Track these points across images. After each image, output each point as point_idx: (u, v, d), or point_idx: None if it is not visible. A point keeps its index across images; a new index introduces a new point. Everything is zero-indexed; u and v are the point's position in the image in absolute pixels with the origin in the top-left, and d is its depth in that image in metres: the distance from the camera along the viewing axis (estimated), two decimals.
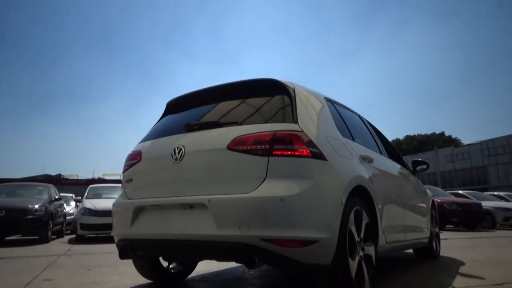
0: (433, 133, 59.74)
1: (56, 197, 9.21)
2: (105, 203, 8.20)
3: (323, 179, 2.14)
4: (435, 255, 4.52)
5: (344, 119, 2.97)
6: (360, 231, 2.41)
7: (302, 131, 2.19)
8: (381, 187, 2.91)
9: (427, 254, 4.47)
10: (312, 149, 2.16)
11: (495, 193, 16.60)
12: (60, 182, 35.06)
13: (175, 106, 3.03)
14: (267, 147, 2.11)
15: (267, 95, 2.51)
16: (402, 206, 3.49)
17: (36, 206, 7.82)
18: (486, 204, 12.38)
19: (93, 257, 5.30)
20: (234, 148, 2.18)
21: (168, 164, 2.40)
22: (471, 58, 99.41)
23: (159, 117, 3.11)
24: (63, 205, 10.25)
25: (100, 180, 41.00)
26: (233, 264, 4.01)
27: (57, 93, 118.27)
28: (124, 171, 2.81)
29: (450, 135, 59.31)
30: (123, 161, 2.86)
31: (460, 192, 14.45)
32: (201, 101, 2.82)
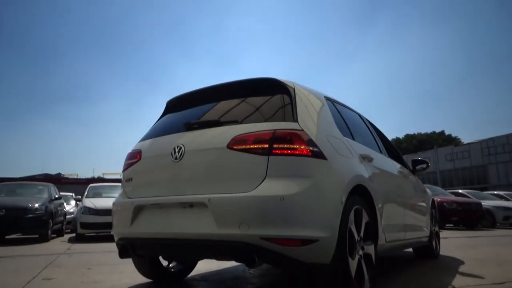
0: (433, 132, 59.70)
1: (56, 196, 9.22)
2: (105, 202, 8.21)
3: (323, 178, 2.15)
4: (435, 254, 4.52)
5: (344, 118, 2.96)
6: (360, 230, 2.41)
7: (302, 130, 2.19)
8: (381, 186, 2.91)
9: (427, 253, 4.48)
10: (312, 148, 2.16)
11: (495, 192, 16.61)
12: (60, 181, 35.03)
13: (175, 105, 3.03)
14: (267, 146, 2.11)
15: (267, 94, 2.51)
16: (402, 205, 3.49)
17: (36, 205, 7.82)
18: (486, 203, 12.39)
19: (93, 256, 5.30)
20: (234, 147, 2.18)
21: (168, 163, 2.40)
22: (471, 57, 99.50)
23: (158, 116, 3.11)
24: (63, 204, 10.26)
25: (100, 179, 40.91)
26: (233, 263, 4.02)
27: (57, 92, 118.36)
28: (124, 170, 2.81)
29: (450, 134, 59.30)
30: (123, 160, 2.86)
31: (460, 191, 14.47)
32: (201, 100, 2.82)
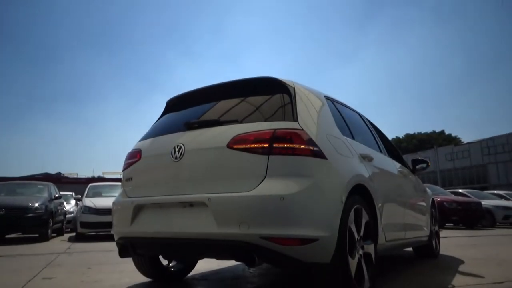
0: (433, 132, 59.65)
1: (56, 195, 9.23)
2: (105, 201, 8.22)
3: (323, 177, 2.15)
4: (434, 254, 4.52)
5: (344, 117, 2.96)
6: (360, 229, 2.41)
7: (302, 129, 2.19)
8: (381, 185, 2.91)
9: (427, 253, 4.48)
10: (312, 148, 2.16)
11: (495, 191, 16.61)
12: (60, 180, 35.01)
13: (175, 104, 3.03)
14: (267, 145, 2.11)
15: (267, 94, 2.51)
16: (402, 204, 3.49)
17: (36, 205, 7.82)
18: (486, 203, 12.40)
19: (93, 255, 5.30)
20: (234, 147, 2.18)
21: (168, 163, 2.40)
22: (471, 57, 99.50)
23: (158, 115, 3.11)
24: (63, 203, 10.27)
25: (100, 179, 40.91)
26: (233, 263, 4.02)
27: (57, 91, 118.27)
28: (124, 169, 2.81)
29: (450, 134, 59.25)
30: (123, 159, 2.86)
31: (460, 190, 14.46)
32: (201, 100, 2.81)
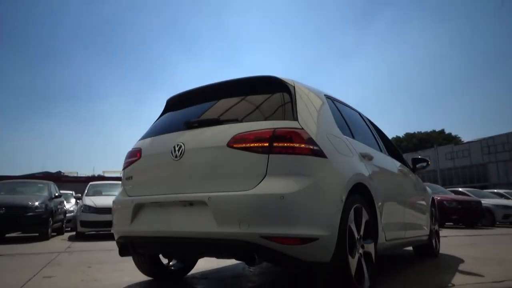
0: (433, 131, 59.63)
1: (56, 194, 9.22)
2: (105, 200, 8.22)
3: (323, 176, 2.15)
4: (434, 253, 4.52)
5: (344, 116, 2.96)
6: (360, 228, 2.41)
7: (302, 128, 2.19)
8: (381, 184, 2.91)
9: (427, 252, 4.48)
10: (312, 147, 2.16)
11: (495, 190, 16.61)
12: (60, 179, 35.00)
13: (175, 103, 3.02)
14: (267, 144, 2.11)
15: (267, 92, 2.50)
16: (402, 203, 3.49)
17: (36, 203, 7.82)
18: (485, 202, 12.40)
19: (93, 254, 5.30)
20: (234, 146, 2.18)
21: (168, 162, 2.40)
22: (471, 56, 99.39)
23: (158, 114, 3.11)
24: (63, 202, 10.26)
25: (100, 178, 40.92)
26: (233, 262, 4.02)
27: (57, 90, 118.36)
28: (124, 168, 2.81)
29: (450, 133, 59.22)
30: (123, 158, 2.86)
31: (460, 189, 14.46)
32: (201, 99, 2.81)
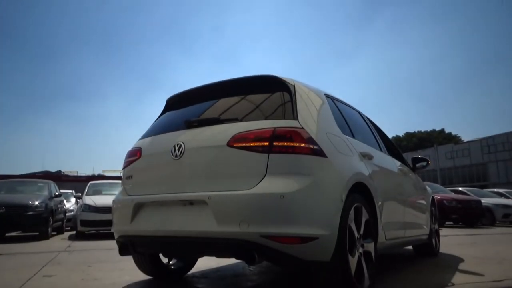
0: (433, 130, 59.63)
1: (56, 193, 9.22)
2: (105, 199, 8.21)
3: (323, 176, 2.15)
4: (434, 252, 4.52)
5: (344, 116, 2.96)
6: (359, 227, 2.41)
7: (302, 127, 2.19)
8: (381, 184, 2.91)
9: (427, 251, 4.48)
10: (312, 146, 2.16)
11: (495, 190, 16.61)
12: (60, 178, 35.05)
13: (175, 102, 3.02)
14: (267, 144, 2.11)
15: (267, 92, 2.50)
16: (402, 203, 3.49)
17: (36, 203, 7.82)
18: (485, 201, 12.42)
19: (93, 253, 5.31)
20: (234, 145, 2.18)
21: (168, 161, 2.40)
22: (471, 56, 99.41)
23: (158, 113, 3.11)
24: (63, 201, 10.26)
25: (100, 177, 40.94)
26: (233, 261, 4.03)
27: (57, 90, 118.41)
28: (124, 167, 2.81)
29: (450, 132, 59.20)
30: (123, 157, 2.86)
31: (460, 189, 14.48)
32: (201, 98, 2.81)
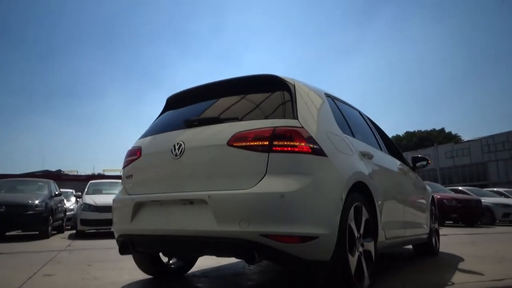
0: (433, 129, 59.64)
1: (56, 192, 9.23)
2: (105, 198, 8.22)
3: (323, 175, 2.15)
4: (434, 251, 4.53)
5: (344, 115, 2.96)
6: (359, 227, 2.41)
7: (302, 127, 2.19)
8: (381, 183, 2.91)
9: (427, 250, 4.48)
10: (312, 145, 2.16)
11: (495, 189, 16.61)
12: (60, 177, 35.07)
13: (175, 102, 3.02)
14: (267, 143, 2.11)
15: (267, 91, 2.50)
16: (402, 202, 3.49)
17: (37, 202, 7.83)
18: (485, 200, 12.42)
19: (93, 252, 5.31)
20: (234, 144, 2.18)
21: (168, 160, 2.40)
22: (472, 55, 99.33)
23: (158, 113, 3.11)
24: (63, 200, 10.27)
25: (100, 176, 40.97)
26: (233, 260, 4.03)
27: (57, 89, 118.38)
28: (124, 167, 2.81)
29: (450, 131, 59.22)
30: (123, 157, 2.86)
31: (460, 188, 14.48)
32: (201, 97, 2.81)
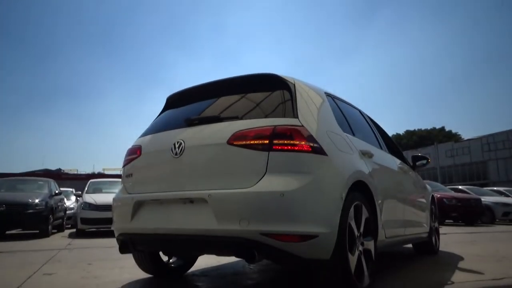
0: (433, 128, 59.67)
1: (57, 191, 9.23)
2: (105, 197, 8.22)
3: (323, 174, 2.14)
4: (434, 250, 4.53)
5: (344, 114, 2.96)
6: (359, 226, 2.41)
7: (302, 126, 2.19)
8: (381, 182, 2.91)
9: (427, 249, 4.49)
10: (312, 144, 2.15)
11: (495, 188, 16.63)
12: (60, 176, 35.01)
13: (175, 101, 3.02)
14: (267, 142, 2.11)
15: (267, 90, 2.50)
16: (402, 201, 3.49)
17: (37, 201, 7.84)
18: (485, 199, 12.43)
19: (93, 251, 5.31)
20: (234, 143, 2.18)
21: (168, 159, 2.40)
22: (472, 54, 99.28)
23: (158, 112, 3.10)
24: (64, 199, 10.29)
25: (100, 175, 41.01)
26: (233, 259, 4.03)
27: (57, 88, 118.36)
28: (124, 165, 2.81)
29: (450, 130, 59.22)
30: (123, 155, 2.86)
31: (460, 187, 14.49)
32: (201, 96, 2.81)
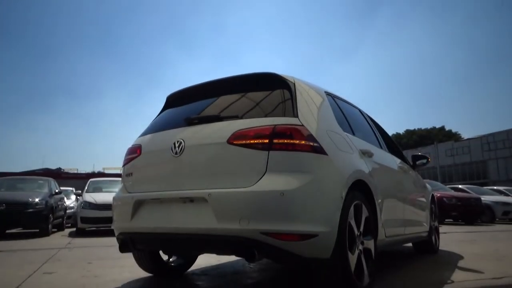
0: (433, 128, 59.70)
1: (56, 190, 9.23)
2: (105, 196, 8.24)
3: (323, 173, 2.14)
4: (434, 249, 4.53)
5: (344, 113, 2.96)
6: (359, 225, 2.41)
7: (302, 125, 2.18)
8: (381, 181, 2.91)
9: (426, 248, 4.49)
10: (312, 143, 2.15)
11: (495, 187, 16.64)
12: (60, 176, 35.02)
13: (175, 100, 3.02)
14: (267, 141, 2.11)
15: (267, 89, 2.50)
16: (402, 200, 3.50)
17: (37, 200, 7.84)
18: (485, 199, 12.42)
19: (93, 250, 5.32)
20: (234, 142, 2.18)
21: (168, 158, 2.40)
22: (472, 53, 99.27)
23: (158, 111, 3.10)
24: (63, 198, 10.29)
25: (100, 174, 41.02)
26: (233, 258, 4.03)
27: (56, 87, 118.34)
28: (124, 165, 2.81)
29: (450, 130, 59.26)
30: (123, 155, 2.86)
31: (460, 186, 14.49)
32: (201, 95, 2.81)
